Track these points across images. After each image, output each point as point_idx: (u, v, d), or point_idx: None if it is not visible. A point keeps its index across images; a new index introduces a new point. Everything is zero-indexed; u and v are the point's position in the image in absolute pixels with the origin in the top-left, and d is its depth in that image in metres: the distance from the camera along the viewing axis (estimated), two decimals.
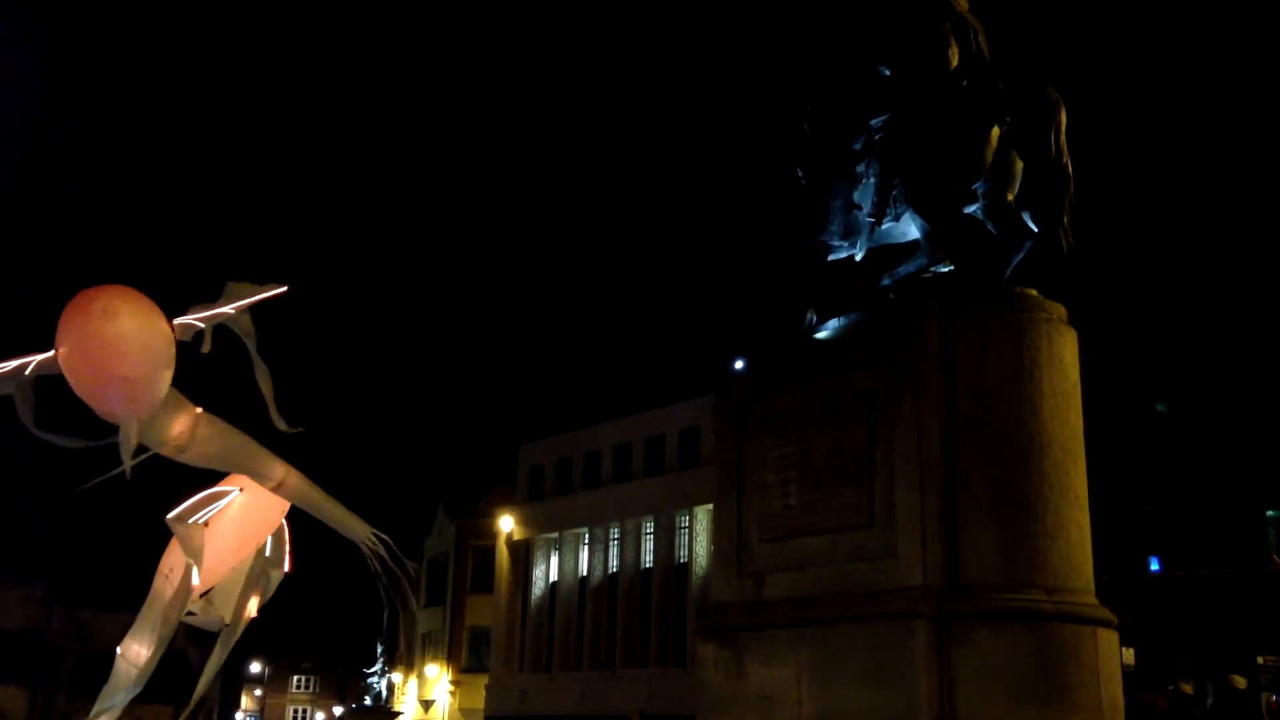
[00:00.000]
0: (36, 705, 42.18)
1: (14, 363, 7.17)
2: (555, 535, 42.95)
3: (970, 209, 13.06)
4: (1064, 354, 12.46)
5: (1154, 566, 34.02)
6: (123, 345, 7.05)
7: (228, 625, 8.88)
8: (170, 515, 8.24)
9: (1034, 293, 12.81)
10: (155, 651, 8.57)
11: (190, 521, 8.19)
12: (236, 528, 8.41)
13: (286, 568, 9.05)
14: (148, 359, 7.27)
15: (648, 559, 39.52)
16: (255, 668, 76.64)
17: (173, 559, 8.55)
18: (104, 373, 7.14)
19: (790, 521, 13.11)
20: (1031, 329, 12.33)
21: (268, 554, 8.89)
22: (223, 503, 8.33)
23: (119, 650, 8.86)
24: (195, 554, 8.08)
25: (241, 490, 8.34)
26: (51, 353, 7.11)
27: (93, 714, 8.86)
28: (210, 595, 8.76)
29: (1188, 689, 15.77)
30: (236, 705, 75.91)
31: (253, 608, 8.94)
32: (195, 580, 8.37)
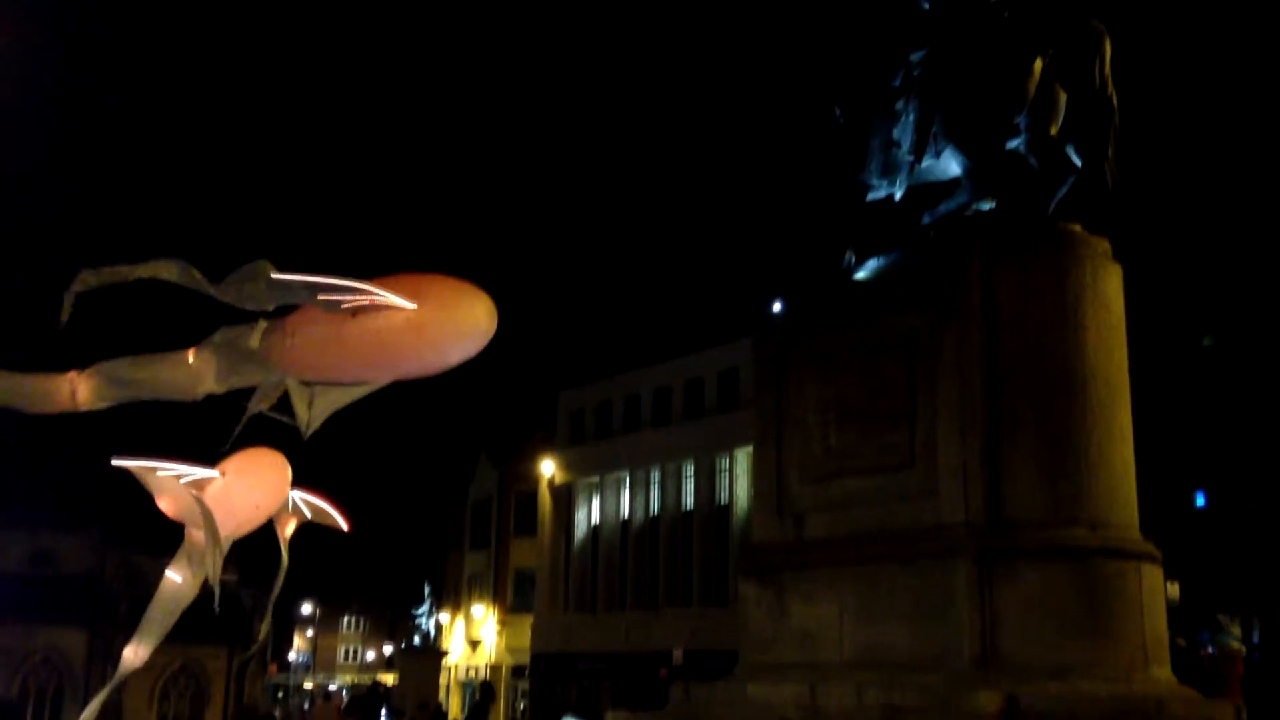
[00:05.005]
0: (95, 646, 43.57)
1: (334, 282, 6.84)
2: (596, 479, 43.34)
3: (1012, 144, 12.86)
4: (1108, 289, 12.33)
5: (1200, 501, 33.84)
6: (478, 348, 7.21)
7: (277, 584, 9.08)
8: (131, 463, 8.31)
9: (1078, 228, 12.64)
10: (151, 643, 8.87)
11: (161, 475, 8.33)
12: (222, 501, 8.49)
13: (345, 527, 9.20)
14: (457, 363, 7.44)
15: (689, 501, 39.82)
16: (306, 609, 78.51)
17: (180, 565, 8.82)
18: (444, 352, 7.16)
19: (830, 462, 13.16)
20: (1075, 265, 12.20)
21: (308, 516, 9.01)
22: (198, 474, 8.43)
23: (124, 652, 9.13)
24: (152, 484, 8.29)
25: (223, 475, 8.44)
26: (398, 301, 6.91)
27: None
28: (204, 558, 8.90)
29: (1236, 645, 15.58)
30: (289, 646, 77.90)
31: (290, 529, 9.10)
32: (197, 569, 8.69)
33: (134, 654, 9.16)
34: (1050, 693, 10.55)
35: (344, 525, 9.11)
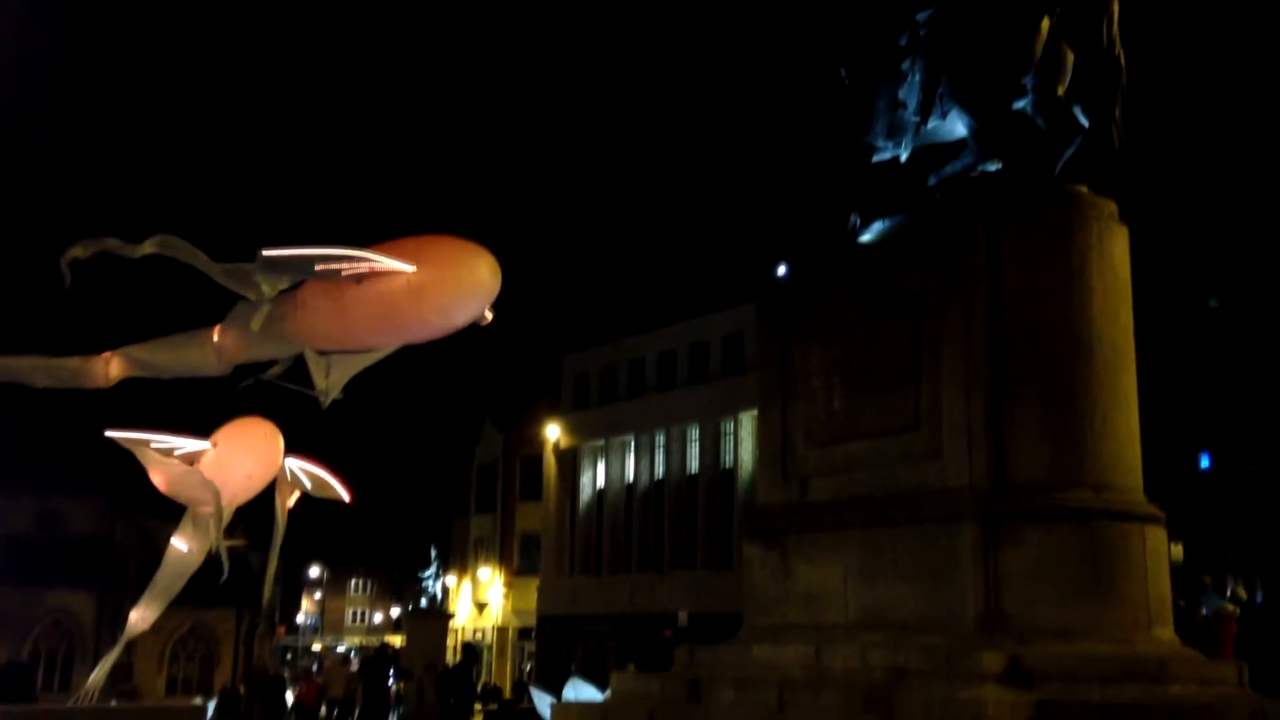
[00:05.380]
0: (104, 609, 43.99)
1: (350, 253, 6.81)
2: (601, 443, 43.45)
3: (1019, 104, 12.74)
4: (1115, 251, 12.26)
5: (1204, 463, 33.87)
6: (484, 302, 7.17)
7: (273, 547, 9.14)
8: (125, 435, 8.41)
9: (1084, 189, 12.56)
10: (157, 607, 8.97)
11: (154, 450, 8.41)
12: (215, 472, 8.54)
13: (346, 498, 9.25)
14: (466, 323, 7.38)
15: (693, 465, 39.93)
16: (314, 572, 79.10)
17: (185, 534, 8.89)
18: (447, 312, 7.12)
19: (835, 426, 13.16)
20: (1082, 227, 12.13)
21: (309, 487, 9.06)
22: (190, 447, 8.48)
23: (131, 616, 9.24)
24: (141, 453, 8.38)
25: (215, 445, 8.50)
26: (396, 265, 6.86)
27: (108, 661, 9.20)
28: (207, 525, 8.98)
29: (1232, 607, 15.55)
30: (297, 608, 78.55)
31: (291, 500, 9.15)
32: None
33: (140, 619, 9.27)
34: (1053, 653, 10.61)
35: (345, 495, 9.16)
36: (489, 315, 7.89)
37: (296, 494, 9.12)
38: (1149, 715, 9.81)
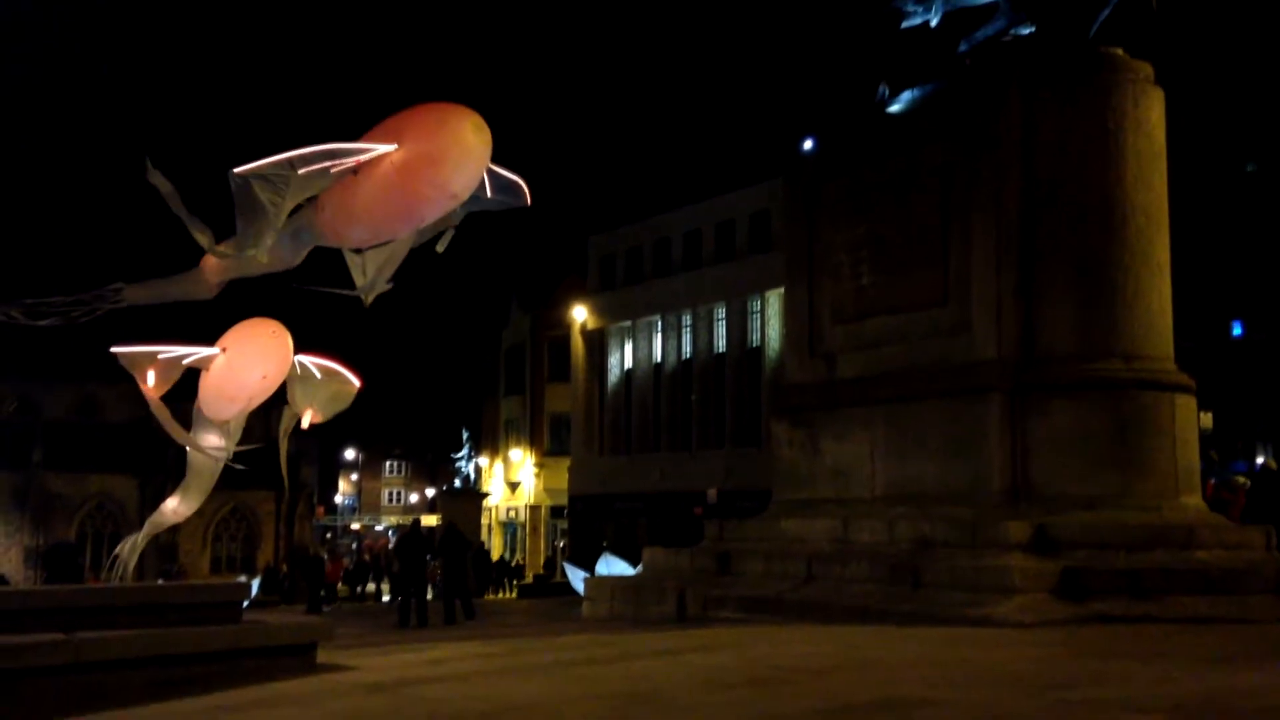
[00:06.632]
0: (146, 492, 45.04)
1: (319, 149, 6.69)
2: (628, 324, 43.49)
3: None
4: (1150, 116, 11.94)
5: (1236, 330, 33.54)
6: (478, 163, 6.90)
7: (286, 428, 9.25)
8: (130, 349, 8.47)
9: (1120, 52, 12.17)
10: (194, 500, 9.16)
11: (162, 358, 8.45)
12: (229, 377, 8.55)
13: (357, 384, 9.25)
14: (472, 186, 7.13)
15: (720, 344, 39.93)
16: (350, 454, 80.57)
17: (204, 437, 9.02)
18: (441, 183, 6.87)
19: (862, 302, 13.09)
20: (1116, 91, 11.79)
21: (317, 378, 9.06)
22: (200, 354, 8.48)
23: (164, 505, 9.41)
24: (136, 368, 8.45)
25: (224, 351, 8.48)
26: (378, 149, 6.71)
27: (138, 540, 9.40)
28: (228, 427, 9.06)
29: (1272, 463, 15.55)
30: (335, 489, 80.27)
31: (306, 420, 9.19)
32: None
33: (173, 512, 9.48)
34: (1080, 522, 10.71)
35: (355, 382, 9.21)
36: (526, 194, 7.74)
37: (310, 412, 9.18)
38: (1176, 580, 9.92)
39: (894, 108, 13.20)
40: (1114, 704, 5.43)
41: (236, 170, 6.90)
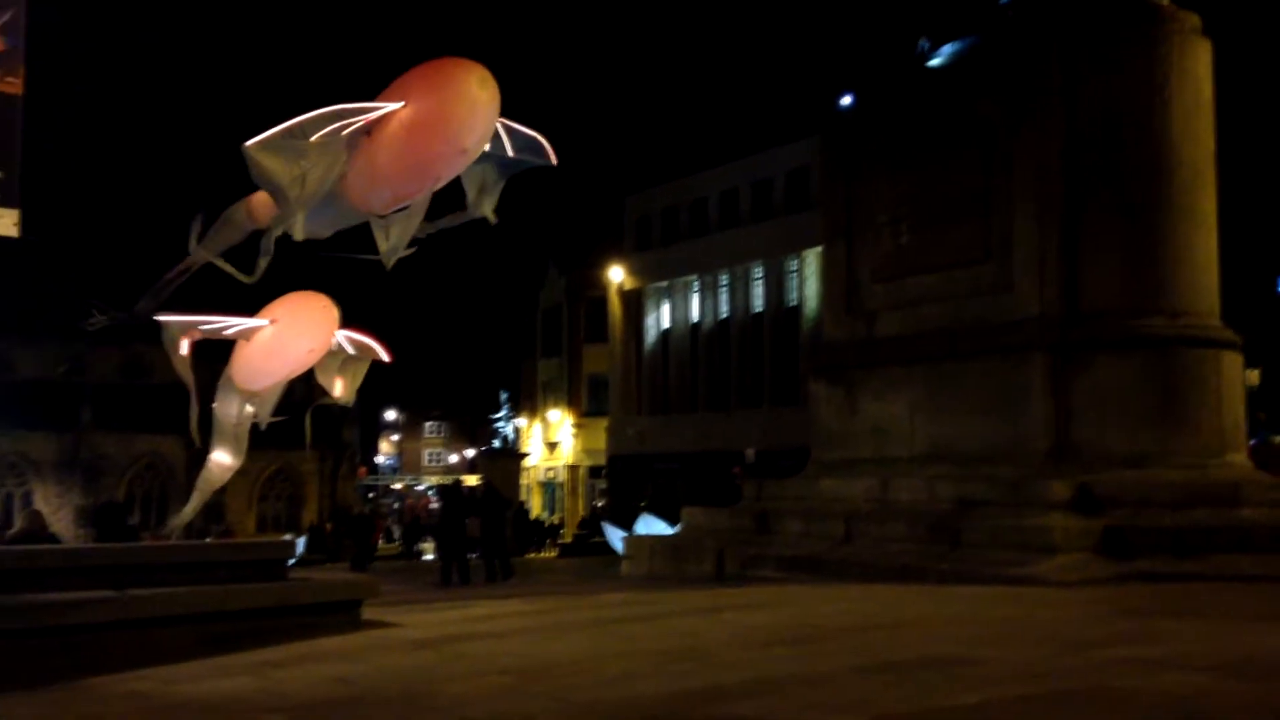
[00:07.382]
0: (194, 452, 45.58)
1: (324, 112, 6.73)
2: (665, 284, 43.39)
3: None
4: (1197, 68, 11.68)
5: None
6: (487, 117, 6.89)
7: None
8: (176, 318, 8.58)
9: (1166, 2, 11.90)
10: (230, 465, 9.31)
11: (206, 328, 8.55)
12: (275, 348, 8.62)
13: (386, 358, 9.34)
14: (484, 141, 7.12)
15: (758, 303, 39.77)
16: (391, 415, 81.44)
17: (227, 404, 9.14)
18: (451, 138, 6.85)
19: (902, 260, 12.97)
20: (1162, 42, 11.54)
21: (351, 353, 9.13)
22: (248, 325, 8.56)
23: (210, 458, 9.58)
24: (175, 338, 8.56)
25: (274, 322, 8.53)
26: (385, 108, 6.75)
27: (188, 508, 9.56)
28: (259, 398, 9.16)
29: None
30: (376, 450, 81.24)
31: (339, 389, 9.28)
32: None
33: (218, 466, 9.64)
34: (1123, 480, 10.62)
35: (385, 357, 9.31)
36: (550, 151, 7.70)
37: (341, 382, 9.27)
38: (1219, 537, 9.84)
39: (934, 62, 13.00)
40: (1156, 662, 5.41)
41: (248, 143, 6.93)
